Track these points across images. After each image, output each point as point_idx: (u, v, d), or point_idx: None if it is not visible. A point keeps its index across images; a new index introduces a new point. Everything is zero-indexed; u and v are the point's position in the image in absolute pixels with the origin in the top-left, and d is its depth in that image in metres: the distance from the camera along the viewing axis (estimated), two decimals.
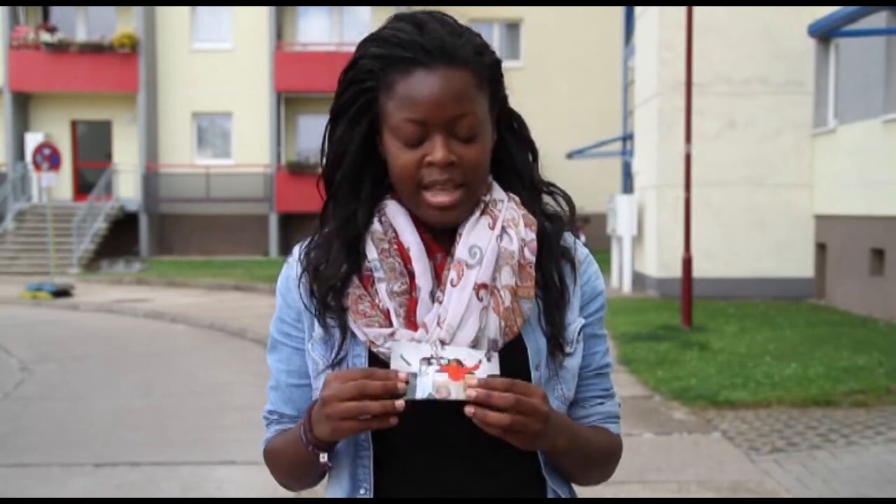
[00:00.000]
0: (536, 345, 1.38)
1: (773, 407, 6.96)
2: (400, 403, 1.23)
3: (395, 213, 1.39)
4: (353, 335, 1.36)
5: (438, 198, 1.33)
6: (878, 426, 6.42)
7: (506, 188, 1.43)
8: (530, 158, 1.45)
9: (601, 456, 1.47)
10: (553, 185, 1.48)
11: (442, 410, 1.26)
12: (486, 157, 1.37)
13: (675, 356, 8.83)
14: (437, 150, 1.31)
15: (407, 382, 1.23)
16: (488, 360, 1.26)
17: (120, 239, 23.83)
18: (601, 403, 1.49)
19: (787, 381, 7.60)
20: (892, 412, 6.77)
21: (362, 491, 1.39)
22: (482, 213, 1.38)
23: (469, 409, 1.23)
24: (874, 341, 9.49)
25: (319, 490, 1.53)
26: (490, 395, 1.22)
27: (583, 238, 1.60)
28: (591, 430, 1.46)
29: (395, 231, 1.39)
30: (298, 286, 1.43)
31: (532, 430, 1.26)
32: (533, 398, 1.26)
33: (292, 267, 1.46)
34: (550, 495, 1.42)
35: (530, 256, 1.37)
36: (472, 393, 1.22)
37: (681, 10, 11.97)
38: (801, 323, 11.01)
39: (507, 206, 1.39)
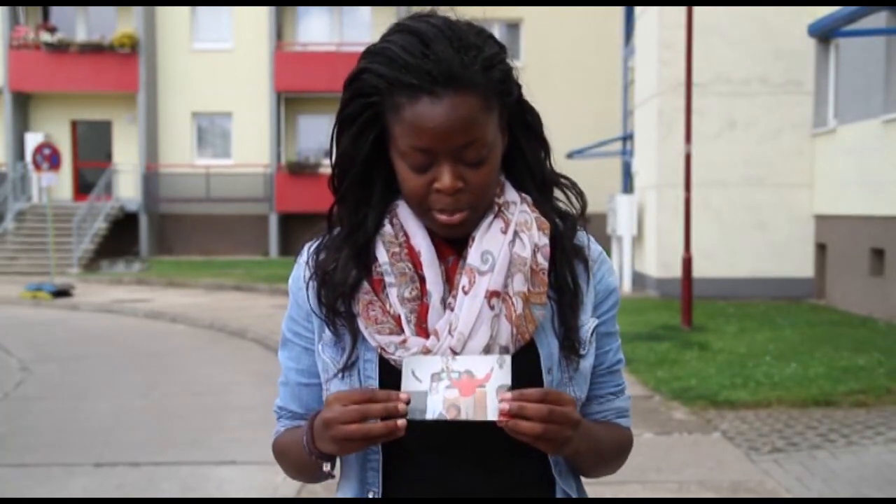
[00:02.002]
0: (549, 349, 1.37)
1: (773, 407, 6.95)
2: (402, 423, 1.23)
3: (407, 216, 1.38)
4: (364, 339, 1.36)
5: (446, 217, 1.33)
6: (878, 426, 6.42)
7: (517, 185, 1.41)
8: (542, 155, 1.43)
9: (614, 453, 1.49)
10: (565, 177, 1.47)
11: None
12: (496, 174, 1.35)
13: (675, 356, 8.83)
14: (445, 178, 1.30)
15: (408, 403, 1.23)
16: (500, 366, 1.25)
17: (120, 239, 23.84)
18: (613, 400, 1.50)
19: (787, 381, 7.60)
20: (892, 412, 6.77)
21: (371, 494, 1.40)
22: (495, 216, 1.37)
23: (502, 421, 1.23)
24: (874, 341, 9.49)
25: (320, 490, 1.53)
26: (523, 408, 1.23)
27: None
28: (606, 428, 1.46)
29: (406, 234, 1.38)
30: (307, 288, 1.42)
31: (563, 437, 1.27)
32: (565, 406, 1.26)
33: (302, 267, 1.45)
34: (560, 495, 1.42)
35: (543, 262, 1.36)
36: (506, 406, 1.22)
37: (681, 10, 11.97)
38: (801, 323, 11.01)
39: (519, 209, 1.38)
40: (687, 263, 11.06)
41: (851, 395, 7.12)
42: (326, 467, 1.36)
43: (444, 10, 1.35)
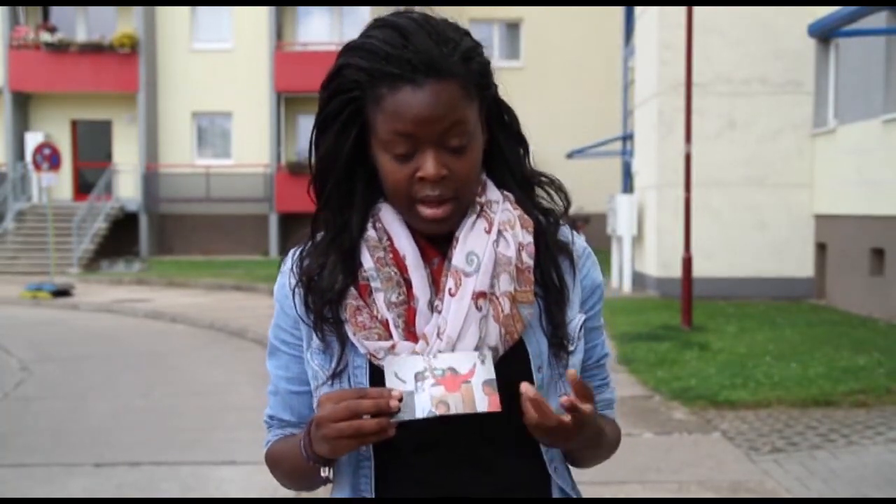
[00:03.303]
0: (538, 347, 1.37)
1: (773, 407, 6.95)
2: (395, 422, 1.22)
3: (390, 219, 1.37)
4: (353, 346, 1.35)
5: (430, 210, 1.32)
6: (878, 426, 6.42)
7: (498, 184, 1.41)
8: (521, 153, 1.43)
9: (608, 444, 1.49)
10: (544, 175, 1.46)
11: None
12: (478, 165, 1.35)
13: (675, 356, 8.83)
14: (429, 166, 1.29)
15: (401, 400, 1.22)
16: (482, 361, 1.25)
17: (120, 239, 23.84)
18: (601, 392, 1.51)
19: (787, 381, 7.60)
20: (892, 412, 6.77)
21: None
22: (478, 215, 1.36)
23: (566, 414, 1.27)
24: (874, 341, 9.49)
25: (319, 490, 1.53)
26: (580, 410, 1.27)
27: (582, 237, 1.58)
28: (602, 419, 1.46)
29: (389, 238, 1.37)
30: (294, 295, 1.41)
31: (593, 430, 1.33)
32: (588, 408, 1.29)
33: (286, 275, 1.44)
34: (556, 494, 1.42)
35: (528, 260, 1.36)
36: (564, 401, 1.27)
37: (681, 10, 11.96)
38: (801, 323, 11.01)
39: (502, 208, 1.38)
40: (687, 263, 11.06)
41: (851, 395, 7.11)
42: (325, 472, 1.35)
43: (422, 9, 1.37)
